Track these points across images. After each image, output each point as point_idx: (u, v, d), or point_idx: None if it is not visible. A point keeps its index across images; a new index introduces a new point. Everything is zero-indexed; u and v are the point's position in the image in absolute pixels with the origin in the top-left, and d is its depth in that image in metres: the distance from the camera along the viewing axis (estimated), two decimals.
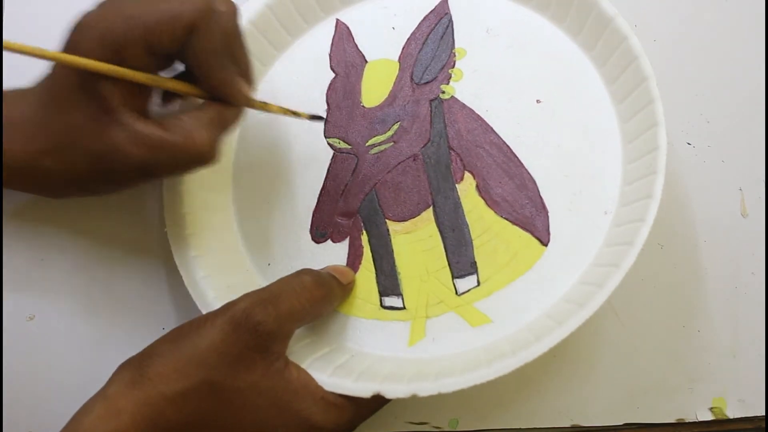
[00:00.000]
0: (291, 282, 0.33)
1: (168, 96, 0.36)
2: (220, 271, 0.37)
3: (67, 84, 0.31)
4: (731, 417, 0.37)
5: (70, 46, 0.31)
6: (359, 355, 0.34)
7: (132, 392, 0.30)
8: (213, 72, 0.32)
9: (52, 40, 0.31)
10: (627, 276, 0.38)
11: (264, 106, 0.36)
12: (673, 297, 0.38)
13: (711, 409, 0.37)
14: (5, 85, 0.35)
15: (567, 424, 0.37)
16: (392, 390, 0.30)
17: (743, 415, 0.37)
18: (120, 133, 0.31)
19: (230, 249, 0.39)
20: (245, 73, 0.33)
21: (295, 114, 0.37)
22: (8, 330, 0.40)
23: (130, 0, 0.31)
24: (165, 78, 0.32)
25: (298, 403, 0.31)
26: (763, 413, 0.37)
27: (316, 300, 0.32)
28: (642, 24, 0.41)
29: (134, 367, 0.31)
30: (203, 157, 0.32)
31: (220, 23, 0.31)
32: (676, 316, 0.38)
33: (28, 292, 0.40)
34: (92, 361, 0.39)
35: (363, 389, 0.31)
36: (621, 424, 0.37)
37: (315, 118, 0.38)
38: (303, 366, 0.32)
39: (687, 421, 0.37)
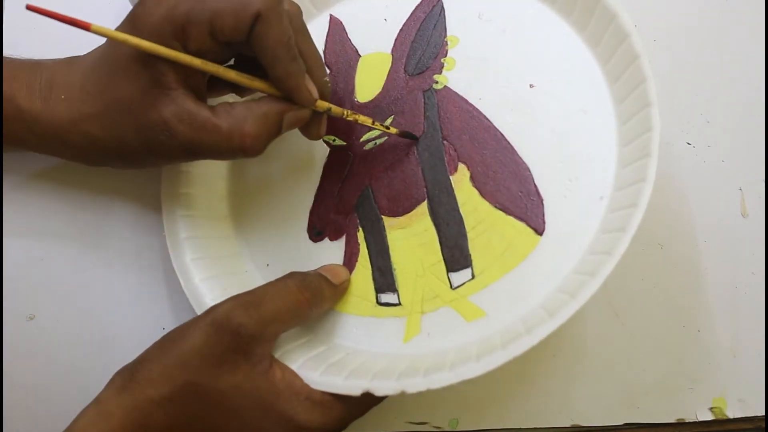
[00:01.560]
0: (276, 285, 0.33)
1: (227, 87, 0.36)
2: (218, 273, 0.37)
3: (126, 54, 0.31)
4: (731, 417, 0.37)
5: (135, 19, 0.31)
6: (354, 353, 0.34)
7: (121, 397, 0.30)
8: (280, 63, 0.31)
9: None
10: (627, 276, 0.38)
11: (339, 113, 0.35)
12: (673, 297, 0.38)
13: (711, 409, 0.37)
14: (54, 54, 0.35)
15: (567, 424, 0.37)
16: (381, 387, 0.30)
17: (743, 415, 0.37)
18: (169, 108, 0.31)
19: (228, 251, 0.39)
20: (313, 72, 0.33)
21: (384, 128, 0.36)
22: (8, 330, 0.40)
23: None
24: (228, 69, 0.32)
25: (282, 403, 0.31)
26: (763, 413, 0.37)
27: (301, 303, 0.32)
28: (642, 24, 0.41)
29: (126, 373, 0.31)
30: (245, 148, 0.32)
31: (290, 17, 0.31)
32: (676, 316, 0.38)
33: (28, 292, 0.40)
34: (92, 362, 0.39)
35: (353, 387, 0.30)
36: (621, 424, 0.37)
37: (405, 134, 0.37)
38: (296, 365, 0.32)
39: (687, 421, 0.37)
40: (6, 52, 0.37)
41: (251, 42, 0.31)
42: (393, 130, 0.36)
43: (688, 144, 0.41)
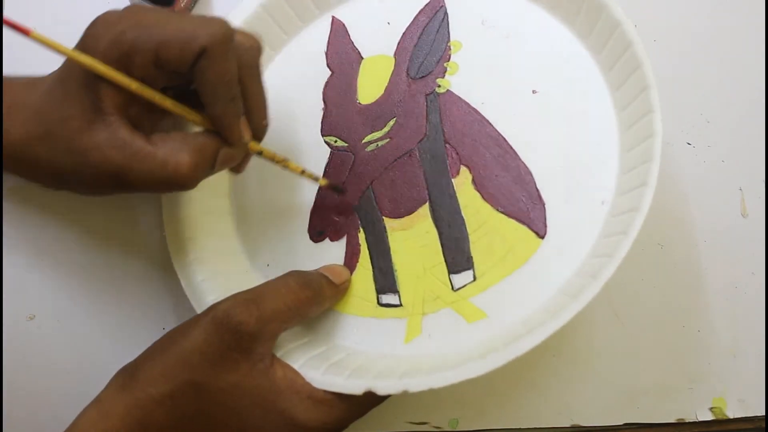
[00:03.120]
0: (276, 283, 0.33)
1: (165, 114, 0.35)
2: (219, 273, 0.37)
3: (75, 77, 0.31)
4: (731, 417, 0.37)
5: (85, 40, 0.31)
6: (355, 354, 0.34)
7: (122, 395, 0.30)
8: (217, 102, 0.31)
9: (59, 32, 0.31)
10: (627, 276, 0.38)
11: (270, 156, 0.35)
12: (673, 297, 0.38)
13: (711, 409, 0.37)
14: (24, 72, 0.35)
15: (567, 424, 0.37)
16: (384, 386, 0.30)
17: (743, 415, 0.37)
18: (103, 133, 0.31)
19: (229, 251, 0.39)
20: (252, 114, 0.33)
21: (313, 178, 0.37)
22: (8, 330, 0.40)
23: (153, 11, 0.31)
24: (165, 97, 0.32)
25: (283, 402, 0.31)
26: (763, 413, 0.37)
27: (302, 301, 0.32)
28: (642, 24, 0.41)
29: (126, 372, 0.31)
30: (178, 181, 0.31)
31: (237, 56, 0.31)
32: (676, 316, 0.38)
33: (28, 292, 0.40)
34: (92, 362, 0.39)
35: (355, 386, 0.30)
36: (621, 424, 0.37)
37: (332, 186, 0.37)
38: (297, 365, 0.32)
39: (687, 421, 0.37)
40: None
41: (193, 75, 0.31)
42: (322, 182, 0.37)
43: (688, 144, 0.41)
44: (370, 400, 0.32)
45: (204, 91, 0.31)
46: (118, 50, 0.30)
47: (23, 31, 0.28)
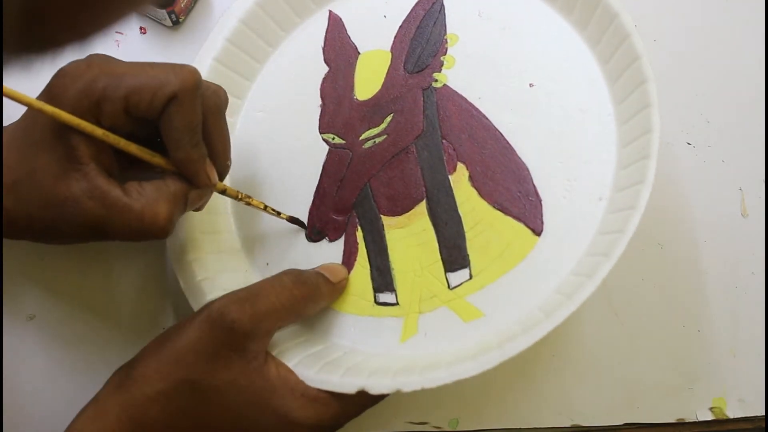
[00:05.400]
0: (271, 282, 0.33)
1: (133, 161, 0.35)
2: (218, 273, 0.37)
3: (41, 126, 0.31)
4: (731, 417, 0.37)
5: (52, 90, 0.31)
6: (351, 353, 0.34)
7: (118, 394, 0.31)
8: (181, 147, 0.31)
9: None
10: (627, 276, 0.38)
11: (233, 194, 0.35)
12: (673, 297, 0.38)
13: (711, 409, 0.37)
14: None
15: (567, 424, 0.37)
16: (377, 385, 0.30)
17: (743, 415, 0.37)
18: (80, 183, 0.31)
19: (228, 250, 0.39)
20: (217, 156, 0.34)
21: (274, 212, 0.37)
22: (8, 330, 0.40)
23: (118, 61, 0.32)
24: (130, 143, 0.32)
25: (277, 400, 0.31)
26: (763, 413, 0.37)
27: (297, 299, 0.32)
28: (642, 24, 0.41)
29: (123, 371, 0.32)
30: (156, 230, 0.31)
31: (204, 99, 0.32)
32: (676, 316, 0.38)
33: (28, 292, 0.40)
34: (92, 362, 0.39)
35: (348, 385, 0.30)
36: (621, 424, 0.37)
37: (294, 221, 0.38)
38: (293, 363, 0.32)
39: (687, 421, 0.37)
40: None
41: (160, 122, 0.31)
42: (284, 216, 0.37)
43: (688, 144, 0.41)
44: (365, 400, 0.32)
45: (170, 137, 0.31)
46: (88, 99, 0.30)
47: None
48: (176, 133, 0.31)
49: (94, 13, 0.25)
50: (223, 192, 0.35)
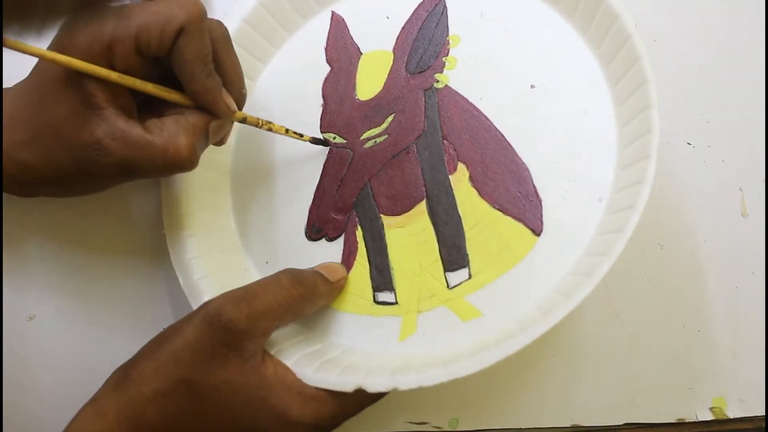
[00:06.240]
0: (268, 281, 0.33)
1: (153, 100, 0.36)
2: (218, 271, 0.37)
3: (54, 78, 0.31)
4: (731, 417, 0.37)
5: (61, 41, 0.31)
6: (349, 351, 0.34)
7: (116, 394, 0.31)
8: (196, 78, 0.32)
9: None
10: (627, 276, 0.38)
11: (254, 122, 0.36)
12: (673, 297, 0.38)
13: (711, 409, 0.37)
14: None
15: (567, 424, 0.37)
16: (374, 384, 0.30)
17: (743, 415, 0.37)
18: (102, 128, 0.31)
19: (228, 248, 0.39)
20: (232, 84, 0.34)
21: (297, 135, 0.37)
22: (8, 330, 0.40)
23: (122, 5, 0.32)
24: (146, 82, 0.32)
25: (274, 398, 0.31)
26: (763, 413, 0.37)
27: (294, 299, 0.32)
28: (642, 24, 0.41)
29: (121, 371, 0.32)
30: (181, 162, 0.32)
31: (210, 31, 0.32)
32: (676, 316, 0.38)
33: (28, 292, 0.40)
34: (92, 362, 0.39)
35: (345, 383, 0.30)
36: (621, 424, 0.37)
37: (317, 141, 0.38)
38: (291, 362, 0.32)
39: (687, 421, 0.37)
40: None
41: (171, 56, 0.31)
42: (306, 138, 0.38)
43: (688, 144, 0.41)
44: (363, 398, 0.32)
45: (183, 70, 0.32)
46: (98, 44, 0.30)
47: None
48: (189, 66, 0.31)
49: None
50: (243, 120, 0.35)
